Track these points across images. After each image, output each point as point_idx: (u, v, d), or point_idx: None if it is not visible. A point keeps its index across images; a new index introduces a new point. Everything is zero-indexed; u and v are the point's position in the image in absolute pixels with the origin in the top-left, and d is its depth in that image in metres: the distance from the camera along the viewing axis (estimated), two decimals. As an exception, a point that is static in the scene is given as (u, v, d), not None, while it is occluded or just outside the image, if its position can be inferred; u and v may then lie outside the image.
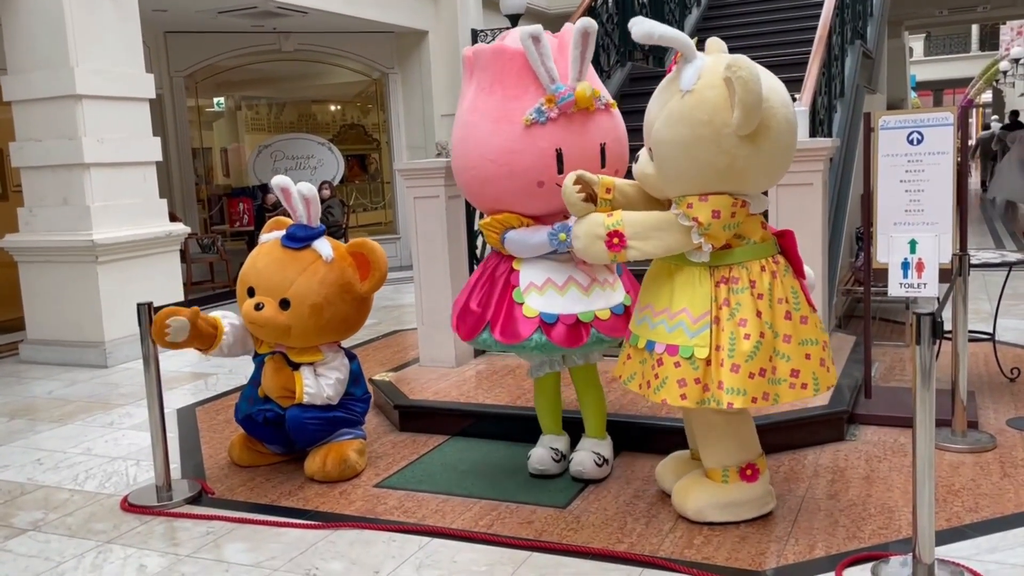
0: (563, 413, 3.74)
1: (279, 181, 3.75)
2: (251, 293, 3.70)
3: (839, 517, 3.09)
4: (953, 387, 3.75)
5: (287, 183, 3.74)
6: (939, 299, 3.80)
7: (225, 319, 3.79)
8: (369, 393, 4.00)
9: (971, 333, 4.23)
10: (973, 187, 19.91)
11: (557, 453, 3.60)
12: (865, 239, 4.11)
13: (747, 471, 3.05)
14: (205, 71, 10.80)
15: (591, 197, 3.03)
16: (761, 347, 2.80)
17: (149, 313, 3.55)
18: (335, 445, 3.73)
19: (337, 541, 3.13)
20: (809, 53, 5.34)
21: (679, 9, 8.43)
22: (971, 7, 17.32)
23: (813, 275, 3.22)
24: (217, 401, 5.15)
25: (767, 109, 2.72)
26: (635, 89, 7.23)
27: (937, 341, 2.57)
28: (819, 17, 5.75)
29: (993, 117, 28.44)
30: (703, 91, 2.76)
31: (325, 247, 3.70)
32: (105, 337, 6.25)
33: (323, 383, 3.68)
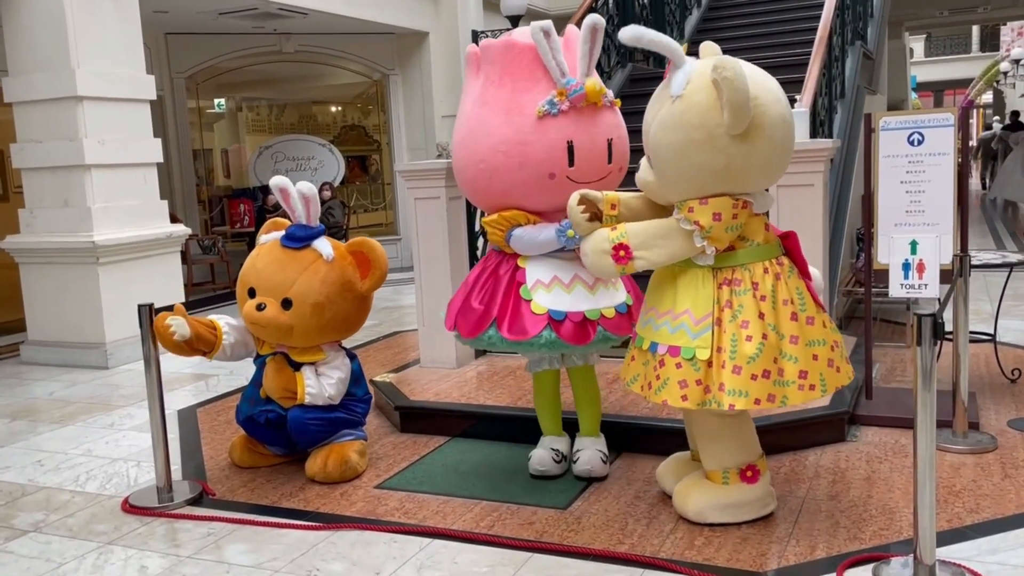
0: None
1: (278, 182, 3.75)
2: (252, 294, 3.69)
3: (840, 518, 3.09)
4: (954, 388, 3.75)
5: (286, 183, 3.74)
6: (940, 300, 3.80)
7: (223, 320, 3.79)
8: (370, 394, 4.00)
9: (972, 334, 4.23)
10: (974, 188, 19.91)
11: (558, 454, 3.60)
12: (866, 240, 4.11)
13: (747, 472, 3.04)
14: (206, 72, 10.80)
15: (596, 216, 3.03)
16: (764, 349, 2.80)
17: (150, 314, 3.55)
18: (336, 446, 3.73)
19: (338, 542, 3.13)
20: (809, 54, 5.33)
21: (679, 10, 8.42)
22: (971, 8, 17.32)
23: (820, 277, 3.21)
24: (218, 402, 5.16)
25: (758, 107, 2.73)
26: (635, 90, 7.22)
27: (938, 342, 2.57)
28: (819, 18, 5.75)
29: (994, 118, 28.44)
30: (692, 95, 2.77)
31: (325, 246, 3.70)
32: (106, 338, 6.25)
33: (325, 383, 3.68)
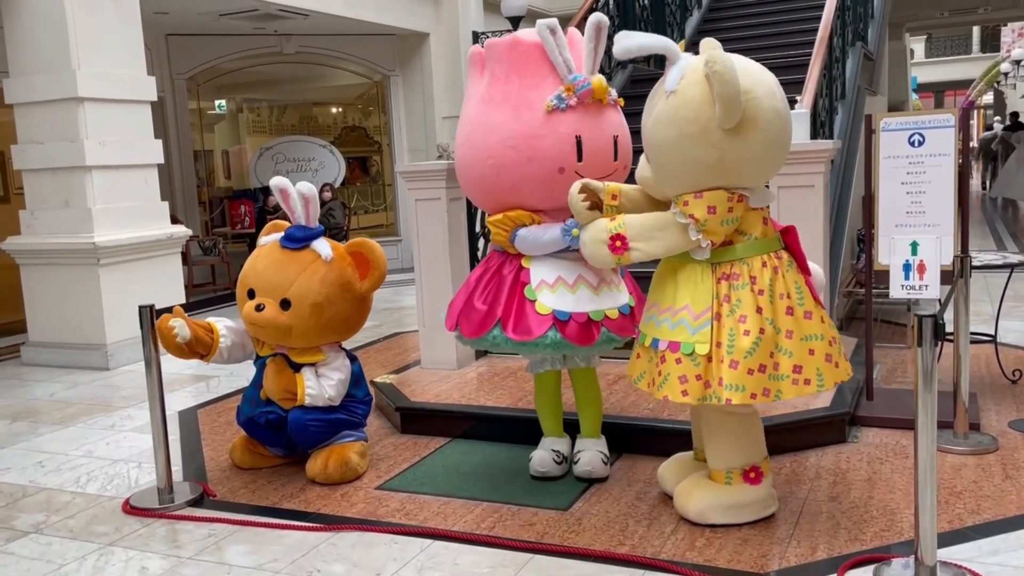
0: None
1: (278, 182, 3.75)
2: (251, 295, 3.69)
3: (841, 519, 3.09)
4: (955, 389, 3.74)
5: (286, 184, 3.74)
6: (941, 301, 3.80)
7: (220, 322, 3.79)
8: (370, 395, 4.00)
9: (973, 335, 4.22)
10: (974, 189, 19.91)
11: (559, 455, 3.60)
12: (866, 241, 4.11)
13: (751, 473, 3.04)
14: (206, 73, 10.81)
15: (596, 205, 3.05)
16: (761, 343, 2.80)
17: (151, 315, 3.56)
18: (337, 447, 3.73)
19: (339, 543, 3.13)
20: (810, 55, 5.33)
21: (680, 11, 8.43)
22: (972, 9, 17.33)
23: (821, 273, 3.21)
24: (219, 403, 5.16)
25: (752, 101, 2.73)
26: (636, 91, 7.20)
27: (939, 343, 2.57)
28: (820, 19, 5.75)
29: (995, 118, 28.43)
30: (686, 90, 2.78)
31: (324, 247, 3.70)
32: (107, 339, 6.25)
33: (325, 384, 3.68)
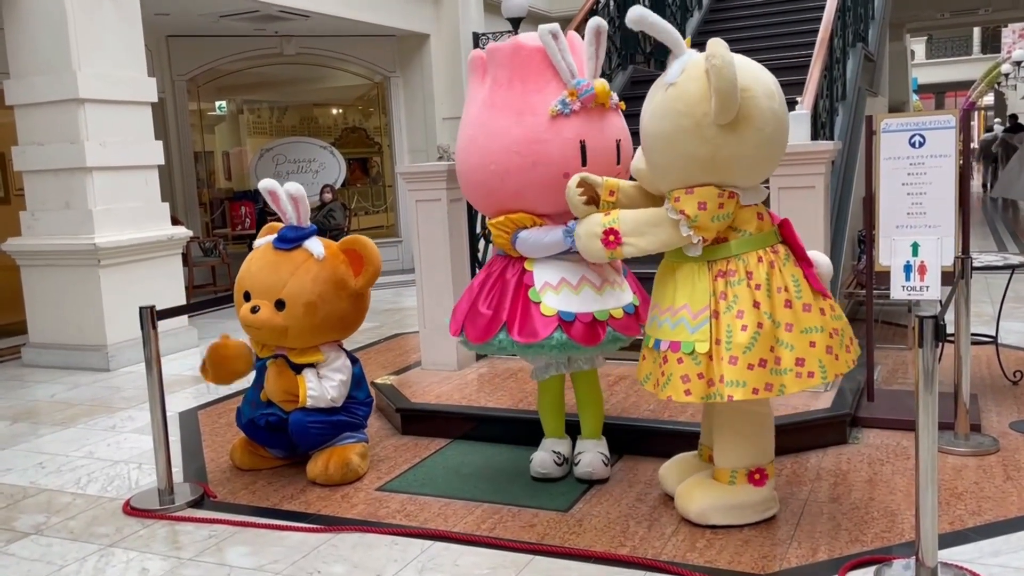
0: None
1: (265, 185, 3.75)
2: (247, 298, 3.70)
3: (842, 520, 3.09)
4: (956, 390, 3.74)
5: (273, 186, 3.73)
6: (941, 302, 3.80)
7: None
8: (371, 397, 4.00)
9: (974, 336, 4.23)
10: (975, 190, 19.91)
11: (559, 457, 3.59)
12: (867, 242, 4.11)
13: (756, 475, 3.04)
14: (207, 75, 10.80)
15: (593, 199, 3.05)
16: (759, 337, 2.79)
17: (152, 317, 3.55)
18: (337, 449, 3.73)
19: (339, 544, 3.12)
20: (811, 56, 5.33)
21: (680, 12, 8.43)
22: (972, 10, 17.34)
23: (826, 262, 3.18)
24: (219, 404, 5.15)
25: (748, 99, 2.73)
26: (637, 92, 7.20)
27: (939, 344, 2.57)
28: (820, 20, 5.75)
29: (995, 120, 28.43)
30: (685, 84, 2.78)
31: (316, 246, 3.70)
32: (107, 340, 6.25)
33: (327, 385, 3.67)
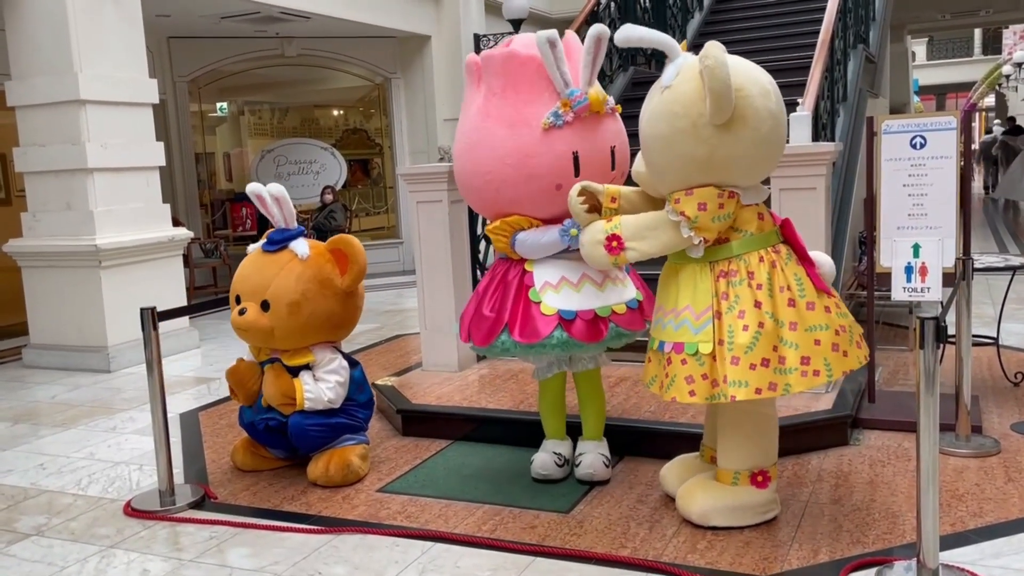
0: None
1: (252, 188, 3.75)
2: (239, 301, 3.73)
3: (843, 522, 3.09)
4: (957, 391, 3.74)
5: (259, 189, 3.74)
6: (943, 303, 3.80)
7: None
8: (372, 399, 4.00)
9: (975, 337, 4.22)
10: (976, 191, 19.90)
11: (560, 458, 3.59)
12: (868, 243, 4.11)
13: (758, 477, 3.04)
14: (208, 76, 10.81)
15: (595, 207, 3.05)
16: (761, 337, 2.79)
17: (153, 318, 3.56)
18: (338, 450, 3.73)
19: (340, 546, 3.12)
20: (811, 57, 5.33)
21: (681, 14, 8.43)
22: (973, 11, 17.35)
23: (829, 261, 3.18)
24: (220, 406, 5.15)
25: (743, 98, 2.73)
26: (637, 94, 7.22)
27: (941, 345, 2.57)
28: (821, 22, 5.75)
29: (995, 121, 28.42)
30: (680, 85, 2.79)
31: (301, 246, 3.71)
32: (108, 342, 6.25)
33: (323, 387, 3.67)
